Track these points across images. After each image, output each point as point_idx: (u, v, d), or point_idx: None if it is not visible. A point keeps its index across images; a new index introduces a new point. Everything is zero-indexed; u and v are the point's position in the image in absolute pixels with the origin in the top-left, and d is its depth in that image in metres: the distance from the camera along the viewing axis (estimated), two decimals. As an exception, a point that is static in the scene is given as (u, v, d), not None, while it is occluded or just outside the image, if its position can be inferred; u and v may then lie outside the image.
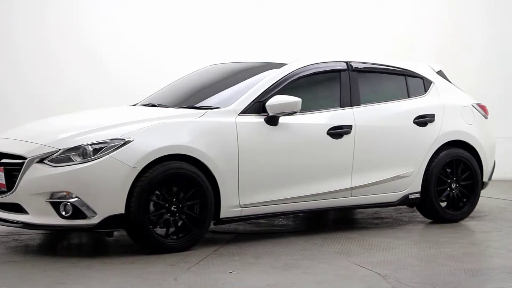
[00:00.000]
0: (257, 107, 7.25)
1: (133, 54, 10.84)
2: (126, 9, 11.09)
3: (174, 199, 6.73)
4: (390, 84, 8.26)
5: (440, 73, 8.64)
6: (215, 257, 6.59)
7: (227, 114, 7.13)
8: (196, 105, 7.40)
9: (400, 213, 8.95)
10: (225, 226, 8.05)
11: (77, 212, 6.46)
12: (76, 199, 6.44)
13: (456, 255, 6.74)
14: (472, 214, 8.73)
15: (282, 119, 7.29)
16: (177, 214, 6.75)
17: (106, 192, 6.47)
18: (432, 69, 8.60)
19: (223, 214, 7.02)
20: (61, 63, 10.61)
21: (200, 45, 11.32)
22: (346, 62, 7.94)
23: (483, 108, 8.71)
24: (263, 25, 11.67)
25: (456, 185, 8.34)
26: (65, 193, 6.47)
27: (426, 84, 8.39)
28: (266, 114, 7.21)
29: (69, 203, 6.45)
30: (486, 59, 12.31)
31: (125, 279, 5.85)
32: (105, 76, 10.61)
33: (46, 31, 10.66)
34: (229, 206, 7.03)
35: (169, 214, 6.71)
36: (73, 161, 6.50)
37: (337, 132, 7.56)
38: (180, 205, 6.76)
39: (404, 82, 8.26)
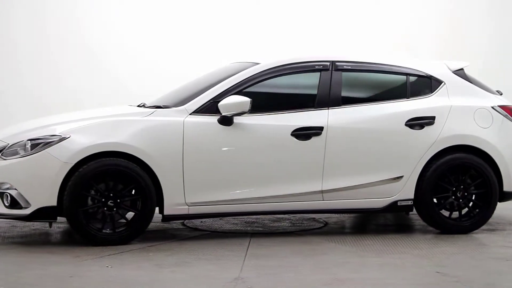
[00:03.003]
0: (214, 107, 7.30)
1: (133, 54, 11.04)
2: (126, 9, 11.34)
3: (111, 195, 7.02)
4: (385, 84, 7.84)
5: (458, 72, 7.98)
6: (135, 253, 6.75)
7: (176, 113, 7.25)
8: (156, 105, 7.60)
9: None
10: (216, 225, 8.15)
11: (15, 202, 6.98)
12: (14, 190, 6.97)
13: (375, 266, 6.34)
14: (500, 225, 8.04)
15: (241, 119, 7.26)
16: (115, 209, 7.03)
17: (40, 185, 6.92)
18: (448, 68, 7.97)
19: (167, 211, 7.16)
20: (61, 63, 11.06)
21: (201, 45, 11.31)
22: (331, 62, 7.66)
23: (508, 110, 7.93)
24: (266, 26, 11.52)
25: (464, 194, 7.71)
26: (9, 185, 7.02)
27: (434, 84, 7.83)
28: (220, 114, 7.24)
29: (8, 194, 7.00)
30: (487, 59, 11.68)
31: (7, 266, 6.29)
32: (105, 76, 10.91)
33: (45, 31, 11.14)
34: (174, 204, 7.15)
35: (105, 209, 7.02)
36: (18, 154, 7.04)
37: (303, 133, 7.36)
38: (119, 201, 7.03)
39: (404, 82, 7.78)
